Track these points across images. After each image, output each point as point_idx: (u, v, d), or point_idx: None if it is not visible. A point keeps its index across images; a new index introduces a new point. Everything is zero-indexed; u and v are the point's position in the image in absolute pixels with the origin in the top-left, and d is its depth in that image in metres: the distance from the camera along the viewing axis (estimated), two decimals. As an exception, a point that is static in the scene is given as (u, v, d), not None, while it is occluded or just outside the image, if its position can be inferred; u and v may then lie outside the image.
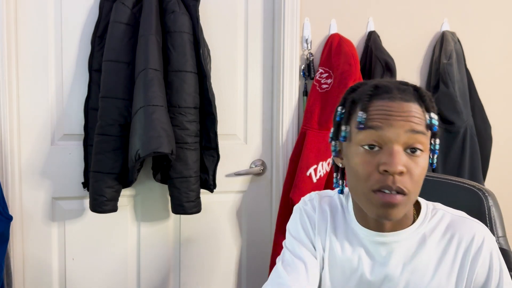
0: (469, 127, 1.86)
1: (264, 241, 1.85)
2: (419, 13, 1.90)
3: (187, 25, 1.55)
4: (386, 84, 0.79)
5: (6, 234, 1.46)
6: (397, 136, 0.74)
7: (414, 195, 0.77)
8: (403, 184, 0.74)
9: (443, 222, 0.85)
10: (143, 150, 1.41)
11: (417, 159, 0.75)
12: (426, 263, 0.83)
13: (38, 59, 1.56)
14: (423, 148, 0.76)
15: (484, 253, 0.81)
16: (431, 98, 0.79)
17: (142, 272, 1.73)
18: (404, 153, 0.75)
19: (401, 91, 0.77)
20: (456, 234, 0.83)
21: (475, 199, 1.03)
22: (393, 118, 0.75)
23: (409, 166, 0.75)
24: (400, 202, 0.75)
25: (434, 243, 0.83)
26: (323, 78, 1.73)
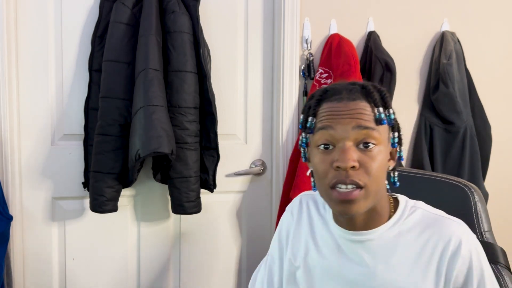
0: (468, 127, 1.87)
1: (264, 241, 1.85)
2: (419, 13, 1.90)
3: (187, 25, 1.55)
4: (335, 86, 0.83)
5: (6, 234, 1.46)
6: (346, 133, 0.78)
7: (373, 189, 0.79)
8: (357, 178, 0.77)
9: (421, 221, 0.84)
10: (143, 150, 1.41)
11: (370, 153, 0.78)
12: (401, 261, 0.82)
13: (38, 59, 1.56)
14: (376, 142, 0.79)
15: (463, 253, 0.79)
16: (382, 93, 0.82)
17: (142, 272, 1.73)
18: (356, 148, 0.79)
19: (348, 91, 0.81)
20: (434, 233, 0.82)
21: (461, 195, 1.05)
22: (340, 117, 0.79)
23: (363, 160, 0.78)
24: (357, 197, 0.77)
25: (410, 241, 0.83)
26: (323, 78, 1.73)
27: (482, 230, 1.01)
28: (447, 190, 1.07)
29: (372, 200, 0.80)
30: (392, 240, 0.84)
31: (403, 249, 0.83)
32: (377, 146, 0.79)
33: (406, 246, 0.83)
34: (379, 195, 0.82)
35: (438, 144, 1.87)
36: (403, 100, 1.90)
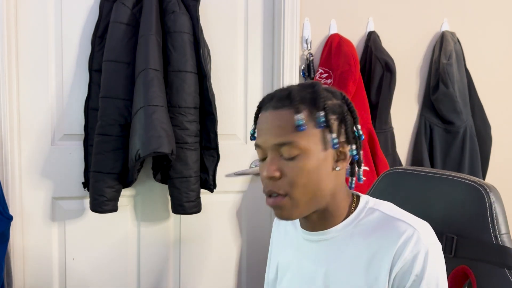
0: (468, 127, 1.87)
1: (264, 241, 1.85)
2: (419, 13, 1.90)
3: (187, 25, 1.55)
4: (270, 95, 0.83)
5: (6, 234, 1.46)
6: (268, 144, 0.80)
7: (299, 197, 0.79)
8: (276, 188, 0.79)
9: (375, 222, 0.82)
10: (143, 150, 1.41)
11: (292, 162, 0.78)
12: (351, 262, 0.81)
13: (38, 59, 1.56)
14: (300, 151, 0.78)
15: (407, 255, 0.76)
16: (315, 94, 0.79)
17: (142, 272, 1.73)
18: (281, 158, 0.79)
19: (277, 99, 0.80)
20: (383, 235, 0.79)
21: (475, 195, 0.98)
22: (263, 131, 0.81)
23: (284, 170, 0.79)
24: (282, 204, 0.79)
25: (361, 243, 0.81)
26: (323, 78, 1.73)
27: (497, 232, 0.94)
28: (461, 189, 1.01)
29: (306, 207, 0.80)
30: (344, 241, 0.83)
31: (354, 250, 0.82)
32: (303, 154, 0.78)
33: (356, 247, 0.82)
34: (318, 201, 0.81)
35: (438, 144, 1.88)
36: (403, 100, 1.90)
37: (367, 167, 1.70)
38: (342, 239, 0.84)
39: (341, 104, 0.82)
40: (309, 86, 0.82)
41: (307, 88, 0.81)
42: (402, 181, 1.12)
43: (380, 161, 1.72)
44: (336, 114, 0.80)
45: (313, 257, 0.87)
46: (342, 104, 0.82)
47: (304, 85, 0.82)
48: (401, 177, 1.13)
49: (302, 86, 0.82)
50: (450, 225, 1.00)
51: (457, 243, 0.98)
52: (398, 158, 1.86)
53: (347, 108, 0.82)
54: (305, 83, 0.84)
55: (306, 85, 0.82)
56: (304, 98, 0.79)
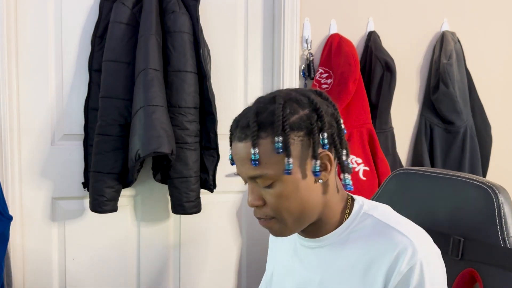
0: (469, 127, 1.87)
1: (264, 241, 1.84)
2: (419, 13, 1.90)
3: (187, 25, 1.55)
4: (235, 122, 0.82)
5: (6, 234, 1.46)
6: (244, 176, 0.79)
7: (286, 218, 0.78)
8: (263, 214, 0.79)
9: (369, 230, 0.80)
10: (143, 150, 1.41)
11: (271, 190, 0.77)
12: (340, 269, 0.80)
13: (38, 59, 1.56)
14: (272, 179, 0.76)
15: (403, 268, 0.73)
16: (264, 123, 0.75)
17: (142, 272, 1.73)
18: (258, 186, 0.78)
19: (240, 129, 0.78)
20: (377, 245, 0.77)
21: (484, 197, 0.95)
22: (236, 162, 0.80)
23: (265, 197, 0.78)
24: (271, 226, 0.80)
25: (354, 251, 0.79)
26: (323, 78, 1.73)
27: (505, 235, 0.91)
28: (469, 190, 0.99)
29: (296, 225, 0.80)
30: (338, 248, 0.81)
31: (348, 259, 0.80)
32: (278, 181, 0.76)
33: (350, 255, 0.79)
34: (308, 217, 0.80)
35: (438, 144, 1.87)
36: (403, 100, 1.90)
37: (368, 167, 1.70)
38: (336, 246, 0.82)
39: (308, 114, 0.76)
40: (269, 102, 0.78)
41: (268, 107, 0.77)
42: (410, 182, 1.11)
43: (380, 161, 1.72)
44: (303, 129, 0.75)
45: (308, 263, 0.86)
46: (310, 113, 0.76)
47: (265, 103, 0.78)
48: (409, 178, 1.12)
49: (263, 106, 0.78)
50: (457, 227, 0.98)
51: (464, 246, 0.96)
52: (398, 158, 1.86)
53: (316, 116, 0.76)
54: (267, 98, 0.80)
55: (267, 102, 0.78)
56: (263, 123, 0.75)
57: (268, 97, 0.80)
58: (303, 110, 0.76)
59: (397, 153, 1.86)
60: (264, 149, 0.75)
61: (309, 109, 0.76)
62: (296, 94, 0.79)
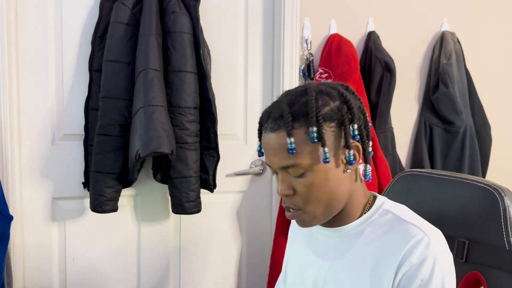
0: (468, 127, 1.87)
1: (264, 241, 1.85)
2: (419, 13, 1.90)
3: (187, 25, 1.55)
4: (266, 113, 0.83)
5: (6, 234, 1.46)
6: (276, 166, 0.81)
7: (313, 210, 0.81)
8: (292, 204, 0.82)
9: (387, 224, 0.82)
10: (143, 150, 1.41)
11: (302, 180, 0.80)
12: (354, 259, 0.82)
13: (38, 59, 1.56)
14: (305, 169, 0.79)
15: (414, 259, 0.75)
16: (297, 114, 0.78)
17: (142, 272, 1.73)
18: (289, 176, 0.81)
19: (273, 119, 0.80)
20: (393, 237, 0.79)
21: (489, 199, 0.95)
22: (267, 152, 0.82)
23: (295, 186, 0.81)
24: (299, 217, 0.83)
25: (370, 241, 0.82)
26: (323, 79, 1.73)
27: (510, 238, 0.91)
28: (475, 193, 0.99)
29: (324, 216, 0.82)
30: (355, 239, 0.84)
31: (362, 249, 0.82)
32: (309, 171, 0.79)
33: (365, 246, 0.82)
34: (336, 207, 0.82)
35: (438, 144, 1.88)
36: (403, 100, 1.90)
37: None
38: (352, 237, 0.84)
39: (339, 106, 0.79)
40: (301, 94, 0.80)
41: (300, 99, 0.79)
42: (416, 183, 1.11)
43: (380, 161, 1.72)
44: (334, 120, 0.78)
45: (322, 251, 0.89)
46: (341, 105, 0.79)
47: (297, 95, 0.80)
48: (415, 179, 1.12)
49: (294, 98, 0.80)
50: (462, 229, 0.97)
51: (468, 248, 0.96)
52: (398, 158, 1.86)
53: (346, 108, 0.79)
54: (299, 90, 0.82)
55: (299, 94, 0.80)
56: (297, 114, 0.78)
57: (299, 90, 0.82)
58: (334, 102, 0.79)
59: (397, 153, 1.86)
60: (298, 139, 0.77)
61: (339, 101, 0.80)
62: (325, 87, 0.82)
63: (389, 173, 1.72)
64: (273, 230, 1.81)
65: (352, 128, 0.79)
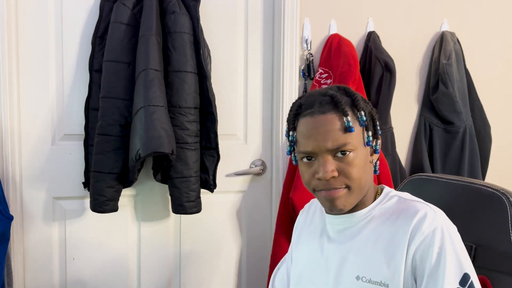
0: (468, 127, 1.87)
1: (264, 241, 1.85)
2: (419, 13, 1.91)
3: (188, 26, 1.56)
4: (308, 100, 0.88)
5: (6, 234, 1.46)
6: (322, 149, 0.85)
7: (355, 187, 0.86)
8: (338, 184, 0.86)
9: (394, 206, 0.90)
10: (143, 150, 1.41)
11: (348, 159, 0.85)
12: (367, 239, 0.88)
13: (38, 60, 1.57)
14: (352, 148, 0.85)
15: (424, 229, 0.81)
16: (353, 96, 0.87)
17: (142, 272, 1.73)
18: (334, 158, 0.85)
19: (319, 104, 0.86)
20: (401, 214, 0.86)
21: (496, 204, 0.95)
22: (315, 135, 0.85)
23: (341, 168, 0.85)
24: (342, 194, 0.86)
25: (379, 223, 0.89)
26: (323, 79, 1.73)
27: None
28: (482, 197, 0.99)
29: (357, 196, 0.88)
30: (366, 222, 0.90)
31: (374, 230, 0.88)
32: (353, 151, 0.85)
33: (376, 227, 0.88)
34: (364, 190, 0.89)
35: (437, 144, 1.88)
36: (403, 100, 1.90)
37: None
38: (365, 221, 0.91)
39: (367, 102, 0.91)
40: (336, 89, 0.89)
41: (341, 91, 0.88)
42: (424, 187, 1.11)
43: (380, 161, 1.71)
44: (368, 113, 0.89)
45: (335, 237, 0.94)
46: (367, 103, 0.91)
47: (332, 89, 0.89)
48: (423, 184, 1.13)
49: (332, 89, 0.89)
50: (470, 233, 0.97)
51: (476, 252, 0.96)
52: (397, 158, 1.86)
53: (371, 106, 0.91)
54: (329, 87, 0.91)
55: (334, 88, 0.89)
56: (343, 100, 0.86)
57: (330, 87, 0.91)
58: (362, 100, 0.89)
59: (397, 153, 1.86)
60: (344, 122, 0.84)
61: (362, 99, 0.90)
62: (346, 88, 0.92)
63: (389, 173, 1.72)
64: (273, 230, 1.81)
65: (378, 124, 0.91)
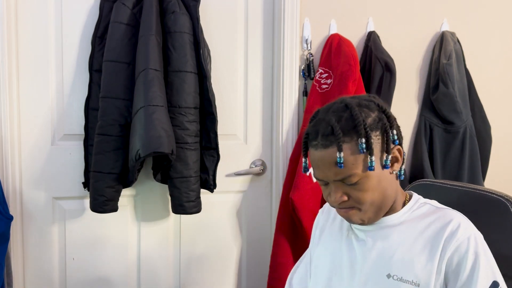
0: (468, 127, 1.87)
1: (264, 241, 1.85)
2: (419, 13, 1.90)
3: (188, 26, 1.55)
4: (314, 130, 0.88)
5: (6, 234, 1.46)
6: (330, 179, 0.87)
7: (368, 208, 0.88)
8: (349, 206, 0.89)
9: (426, 212, 0.92)
10: (143, 150, 1.41)
11: (356, 187, 0.87)
12: (398, 242, 0.90)
13: (38, 59, 1.57)
14: (357, 178, 0.85)
15: (459, 236, 0.84)
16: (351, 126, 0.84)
17: (142, 272, 1.73)
18: (343, 184, 0.87)
19: (323, 137, 0.86)
20: (435, 219, 0.89)
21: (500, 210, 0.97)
22: (321, 166, 0.87)
23: (349, 193, 0.88)
24: (354, 213, 0.89)
25: (412, 226, 0.90)
26: (323, 79, 1.73)
27: None
28: (486, 203, 1.01)
29: (376, 211, 0.90)
30: (395, 226, 0.92)
31: (402, 233, 0.90)
32: (364, 178, 0.86)
33: (405, 230, 0.90)
34: (387, 203, 0.90)
35: (438, 144, 1.88)
36: (403, 100, 1.90)
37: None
38: (394, 225, 0.92)
39: (378, 115, 0.87)
40: (343, 110, 0.87)
41: (344, 114, 0.86)
42: (429, 193, 1.12)
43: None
44: (379, 129, 0.87)
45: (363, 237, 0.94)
46: (380, 114, 0.88)
47: (339, 111, 0.87)
48: (428, 189, 1.15)
49: (338, 114, 0.86)
50: None
51: None
52: (398, 158, 1.86)
53: (385, 117, 0.88)
54: (339, 107, 0.88)
55: (341, 110, 0.87)
56: (346, 129, 0.84)
57: (339, 106, 0.89)
58: (373, 113, 0.88)
59: (397, 153, 1.86)
60: (352, 150, 0.84)
61: (378, 111, 0.88)
62: (361, 100, 0.90)
63: (389, 173, 1.72)
64: (273, 230, 1.81)
65: (392, 134, 0.88)
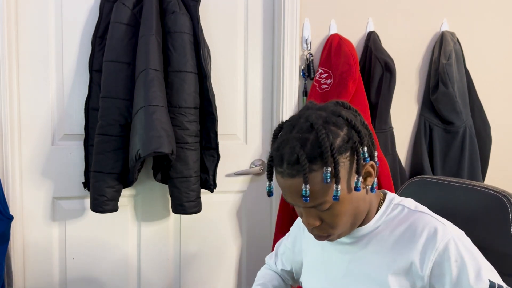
0: (468, 127, 1.87)
1: (264, 241, 1.85)
2: (419, 13, 1.91)
3: (188, 26, 1.56)
4: (279, 154, 0.80)
5: (6, 234, 1.46)
6: (300, 205, 0.82)
7: (342, 230, 0.86)
8: (320, 232, 0.86)
9: (399, 216, 0.88)
10: (143, 150, 1.41)
11: (328, 212, 0.82)
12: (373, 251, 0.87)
13: (38, 59, 1.57)
14: (327, 204, 0.80)
15: (438, 245, 0.80)
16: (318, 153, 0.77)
17: (142, 272, 1.73)
18: (315, 209, 0.83)
19: (288, 165, 0.78)
20: (408, 227, 0.85)
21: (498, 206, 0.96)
22: (288, 195, 0.82)
23: (322, 216, 0.84)
24: (329, 239, 0.88)
25: (385, 235, 0.87)
26: (323, 79, 1.73)
27: None
28: (484, 199, 1.00)
29: (350, 229, 0.88)
30: (371, 235, 0.89)
31: (378, 241, 0.88)
32: (332, 204, 0.81)
33: (381, 238, 0.88)
34: (360, 219, 0.88)
35: (437, 144, 1.88)
36: (403, 100, 1.90)
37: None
38: (371, 234, 0.90)
39: (347, 133, 0.80)
40: (308, 130, 0.78)
41: (309, 136, 0.77)
42: (426, 189, 1.12)
43: (380, 161, 1.73)
44: (348, 150, 0.80)
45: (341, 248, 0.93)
46: (349, 132, 0.80)
47: (303, 131, 0.78)
48: (426, 186, 1.14)
49: (303, 136, 0.78)
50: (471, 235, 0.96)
51: None
52: (397, 158, 1.86)
53: (355, 133, 0.80)
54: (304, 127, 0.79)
55: (305, 130, 0.78)
56: (312, 156, 0.77)
57: (304, 125, 0.80)
58: (342, 131, 0.80)
59: (397, 153, 1.86)
60: (319, 180, 0.78)
61: (346, 128, 0.81)
62: (327, 114, 0.81)
63: (389, 173, 1.72)
64: (273, 230, 1.81)
65: (363, 152, 0.81)
